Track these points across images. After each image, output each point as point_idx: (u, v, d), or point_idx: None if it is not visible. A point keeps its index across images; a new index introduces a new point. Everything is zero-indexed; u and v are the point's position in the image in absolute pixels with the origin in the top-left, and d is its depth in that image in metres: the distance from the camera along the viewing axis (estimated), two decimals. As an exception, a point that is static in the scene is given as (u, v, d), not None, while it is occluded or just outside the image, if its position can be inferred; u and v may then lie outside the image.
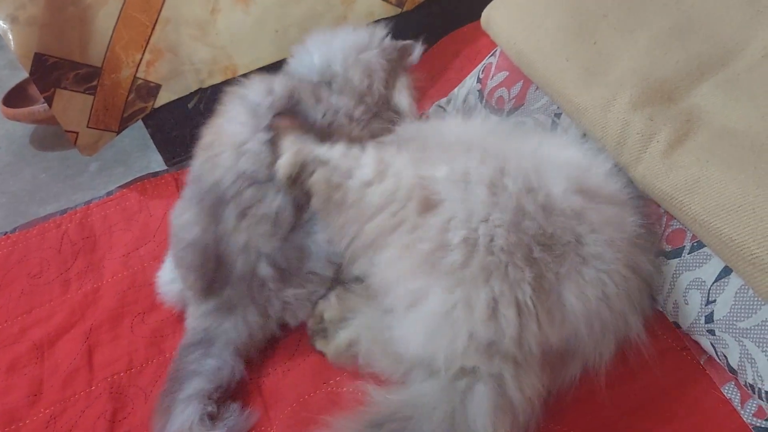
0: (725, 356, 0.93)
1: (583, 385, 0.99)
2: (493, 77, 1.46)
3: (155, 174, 1.66)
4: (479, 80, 1.50)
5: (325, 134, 1.11)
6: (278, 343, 1.13)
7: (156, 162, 2.27)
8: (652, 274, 0.97)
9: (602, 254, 0.89)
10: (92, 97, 1.75)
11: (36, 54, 1.62)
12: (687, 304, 0.98)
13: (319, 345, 1.06)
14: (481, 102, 1.47)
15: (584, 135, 1.19)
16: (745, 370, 0.89)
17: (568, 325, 0.87)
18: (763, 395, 0.86)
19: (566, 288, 0.87)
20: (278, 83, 1.19)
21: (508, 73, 1.42)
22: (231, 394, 1.05)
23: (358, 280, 1.03)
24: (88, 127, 1.77)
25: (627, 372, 1.00)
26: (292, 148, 1.02)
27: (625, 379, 0.99)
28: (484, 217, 0.87)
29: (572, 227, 0.89)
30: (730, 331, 0.91)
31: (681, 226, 1.00)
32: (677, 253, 1.01)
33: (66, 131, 1.74)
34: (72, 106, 1.72)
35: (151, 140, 2.01)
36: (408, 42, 1.33)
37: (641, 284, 0.96)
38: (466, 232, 0.86)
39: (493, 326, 0.84)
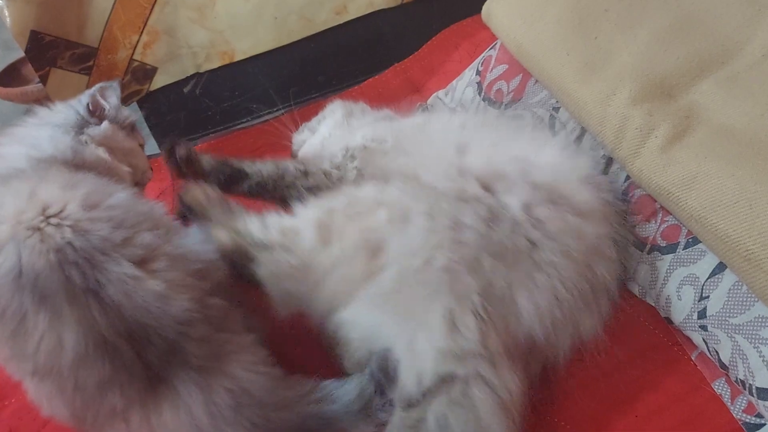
0: (717, 352, 0.93)
1: (574, 378, 1.00)
2: (492, 70, 1.46)
3: (148, 157, 1.64)
4: (478, 72, 1.50)
5: None
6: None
7: (149, 145, 2.24)
8: (607, 282, 0.97)
9: (556, 263, 0.90)
10: (87, 77, 1.74)
11: (32, 32, 1.60)
12: (680, 299, 0.98)
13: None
14: (479, 94, 1.47)
15: (582, 129, 1.19)
16: (737, 366, 0.89)
17: (524, 327, 0.88)
18: (754, 391, 0.87)
19: (519, 294, 0.88)
20: None
21: (507, 66, 1.42)
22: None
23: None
24: (82, 107, 1.76)
25: (617, 366, 1.01)
26: (224, 227, 0.99)
27: (615, 373, 1.00)
28: (421, 244, 0.89)
29: (525, 233, 0.91)
30: (723, 327, 0.91)
31: (676, 222, 1.01)
32: (672, 248, 1.01)
33: (60, 111, 1.72)
34: (67, 86, 1.71)
35: (145, 123, 2.00)
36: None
37: (596, 289, 0.96)
38: (400, 265, 0.89)
39: (457, 336, 0.85)
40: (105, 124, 1.08)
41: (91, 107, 1.09)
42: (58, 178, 0.90)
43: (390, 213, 0.93)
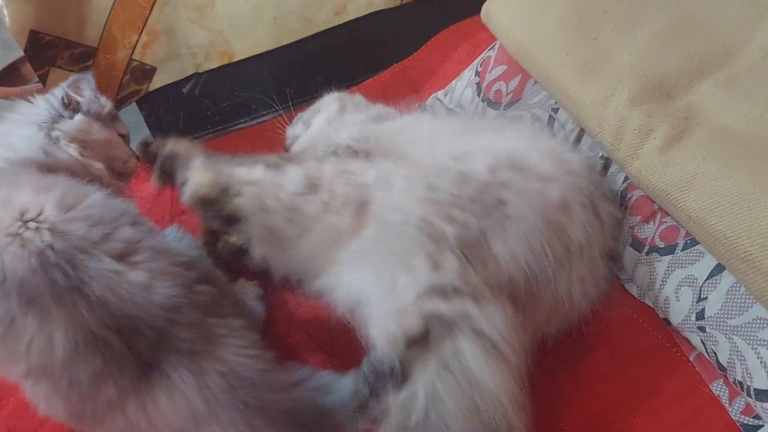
0: (715, 353, 0.93)
1: (573, 379, 1.00)
2: (491, 71, 1.46)
3: (144, 157, 1.64)
4: (477, 73, 1.50)
5: None
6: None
7: (148, 146, 2.25)
8: (582, 245, 0.97)
9: (525, 215, 0.92)
10: (87, 77, 1.73)
11: (31, 31, 1.60)
12: (678, 300, 0.98)
13: None
14: (478, 95, 1.47)
15: (581, 130, 1.19)
16: (735, 368, 0.89)
17: (503, 270, 0.89)
18: (752, 393, 0.87)
19: (492, 239, 0.90)
20: None
21: (506, 67, 1.42)
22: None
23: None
24: (81, 107, 1.76)
25: (616, 367, 1.01)
26: (208, 168, 0.99)
27: (613, 374, 1.00)
28: (400, 201, 0.93)
29: (493, 192, 0.93)
30: (721, 328, 0.91)
31: (675, 224, 1.00)
32: (670, 249, 1.01)
33: (59, 110, 1.72)
34: (66, 86, 1.70)
35: (144, 123, 2.00)
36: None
37: (572, 251, 0.96)
38: (379, 221, 0.92)
39: (439, 273, 0.86)
40: (78, 117, 1.08)
41: (65, 101, 1.09)
42: (30, 182, 0.91)
43: (378, 174, 0.97)
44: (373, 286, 0.89)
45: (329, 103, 1.41)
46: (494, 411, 0.79)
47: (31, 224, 0.83)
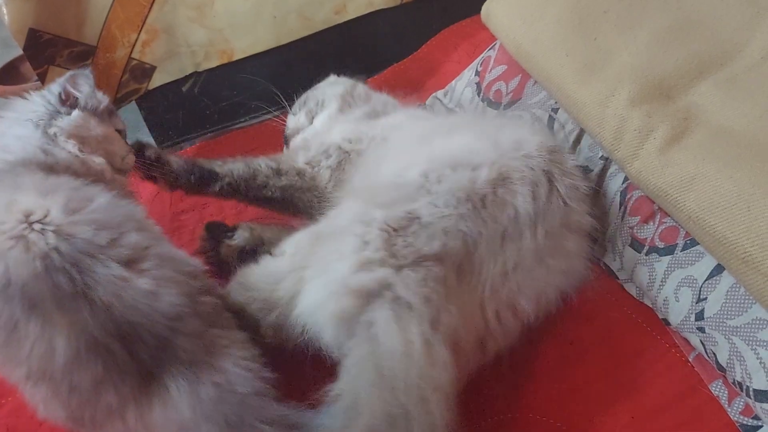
0: (714, 354, 0.93)
1: (571, 379, 1.00)
2: (491, 70, 1.46)
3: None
4: (477, 73, 1.50)
5: None
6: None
7: (147, 145, 2.25)
8: (531, 215, 0.97)
9: (452, 189, 0.96)
10: (86, 76, 1.73)
11: (30, 30, 1.59)
12: (678, 301, 0.98)
13: None
14: (478, 95, 1.47)
15: (581, 130, 1.19)
16: (734, 368, 0.90)
17: (436, 238, 0.91)
18: (751, 393, 0.87)
19: (421, 210, 0.94)
20: None
21: (506, 67, 1.42)
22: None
23: None
24: (80, 106, 1.75)
25: (614, 367, 1.01)
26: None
27: (612, 374, 1.00)
28: (341, 213, 1.01)
29: (424, 187, 0.98)
30: (720, 328, 0.91)
31: (674, 224, 1.01)
32: (670, 250, 1.01)
33: (58, 109, 1.71)
34: (65, 84, 1.70)
35: (144, 122, 1.99)
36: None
37: (520, 221, 0.97)
38: (325, 234, 0.98)
39: (366, 249, 0.90)
40: (75, 113, 1.07)
41: (63, 96, 1.07)
42: (34, 184, 0.90)
43: (327, 221, 1.02)
44: (319, 284, 0.91)
45: (331, 99, 1.39)
46: (404, 369, 0.81)
47: (37, 226, 0.81)
